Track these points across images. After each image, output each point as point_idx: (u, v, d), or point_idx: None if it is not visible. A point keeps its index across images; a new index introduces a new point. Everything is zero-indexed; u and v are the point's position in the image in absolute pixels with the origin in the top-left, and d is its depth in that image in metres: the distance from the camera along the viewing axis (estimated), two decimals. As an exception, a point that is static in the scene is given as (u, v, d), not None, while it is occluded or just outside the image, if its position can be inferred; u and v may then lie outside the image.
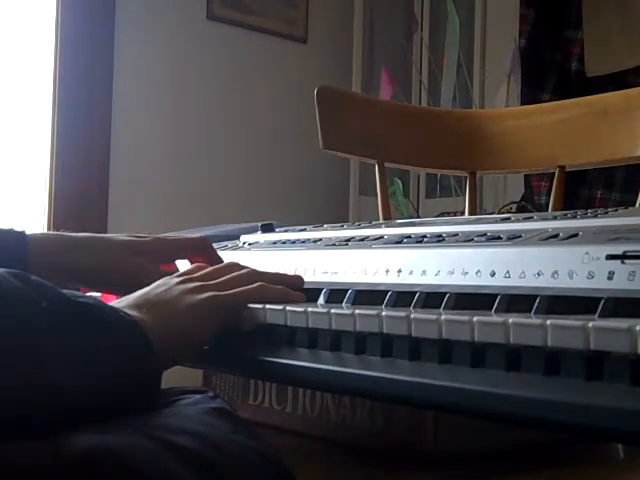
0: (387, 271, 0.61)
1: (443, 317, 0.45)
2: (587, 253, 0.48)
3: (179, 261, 0.80)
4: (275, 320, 0.58)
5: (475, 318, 0.43)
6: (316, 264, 0.68)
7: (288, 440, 0.79)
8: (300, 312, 0.55)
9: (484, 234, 0.61)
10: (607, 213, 0.64)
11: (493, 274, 0.53)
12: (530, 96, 2.23)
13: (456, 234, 0.64)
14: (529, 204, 2.22)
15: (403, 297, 0.55)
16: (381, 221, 1.21)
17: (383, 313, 0.49)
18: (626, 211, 0.63)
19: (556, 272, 0.49)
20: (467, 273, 0.55)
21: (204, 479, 0.45)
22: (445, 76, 2.44)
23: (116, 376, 0.50)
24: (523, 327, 0.41)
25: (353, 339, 0.51)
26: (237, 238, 0.91)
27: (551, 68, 2.29)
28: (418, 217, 2.39)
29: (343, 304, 0.59)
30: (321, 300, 0.62)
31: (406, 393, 0.46)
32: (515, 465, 0.69)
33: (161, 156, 2.37)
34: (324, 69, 2.65)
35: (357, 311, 0.51)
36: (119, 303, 0.58)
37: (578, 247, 0.50)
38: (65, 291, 0.50)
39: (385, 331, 0.49)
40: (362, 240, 0.72)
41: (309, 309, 0.55)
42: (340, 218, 2.11)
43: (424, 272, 0.58)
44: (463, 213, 1.77)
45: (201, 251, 0.78)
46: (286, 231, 0.88)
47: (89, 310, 0.50)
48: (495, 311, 0.48)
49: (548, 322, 0.40)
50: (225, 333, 0.61)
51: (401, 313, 0.48)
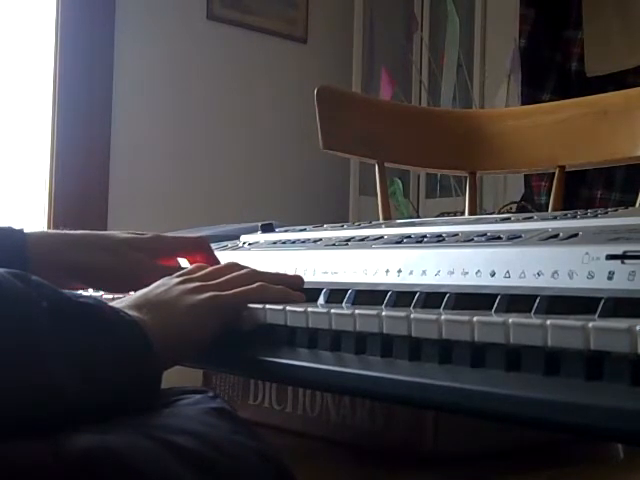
0: (387, 271, 0.61)
1: (443, 317, 0.45)
2: (587, 253, 0.48)
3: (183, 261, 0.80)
4: (275, 320, 0.58)
5: (475, 318, 0.43)
6: (316, 264, 0.68)
7: (288, 440, 0.79)
8: (300, 312, 0.55)
9: (484, 234, 0.61)
10: (607, 213, 0.64)
11: (493, 274, 0.53)
12: (530, 96, 2.23)
13: (456, 234, 0.64)
14: (529, 204, 2.22)
15: (403, 297, 0.55)
16: (381, 221, 1.21)
17: (383, 313, 0.49)
18: (626, 211, 0.63)
19: (556, 272, 0.49)
20: (467, 273, 0.55)
21: (204, 479, 0.45)
22: (445, 76, 2.44)
23: (116, 376, 0.50)
24: (523, 327, 0.41)
25: (353, 339, 0.51)
26: (237, 238, 0.91)
27: (551, 68, 2.29)
28: (418, 217, 2.39)
29: (343, 304, 0.59)
30: (321, 300, 0.62)
31: (406, 393, 0.46)
32: (515, 465, 0.69)
33: (161, 156, 2.37)
34: (324, 69, 2.65)
35: (357, 311, 0.51)
36: (119, 303, 0.58)
37: (578, 247, 0.50)
38: (65, 291, 0.50)
39: (385, 331, 0.49)
40: (362, 240, 0.72)
41: (309, 309, 0.55)
42: (340, 218, 2.11)
43: (424, 272, 0.58)
44: (463, 213, 1.77)
45: (199, 250, 0.78)
46: (286, 231, 0.88)
47: (89, 310, 0.50)
48: (495, 311, 0.48)
49: (548, 322, 0.40)
50: (225, 333, 0.61)
51: (401, 313, 0.48)
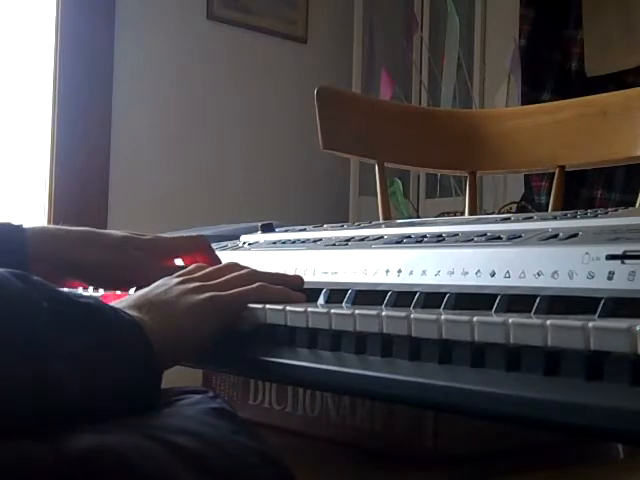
0: (387, 271, 0.61)
1: (443, 317, 0.45)
2: (587, 253, 0.48)
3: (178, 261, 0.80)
4: (275, 320, 0.58)
5: (475, 318, 0.43)
6: (316, 264, 0.68)
7: (288, 440, 0.79)
8: (300, 312, 0.55)
9: (484, 234, 0.61)
10: (607, 213, 0.64)
11: (493, 274, 0.53)
12: (530, 96, 2.23)
13: (456, 234, 0.64)
14: (529, 204, 2.22)
15: (403, 297, 0.55)
16: (381, 221, 1.21)
17: (383, 313, 0.49)
18: (626, 211, 0.63)
19: (556, 272, 0.49)
20: (467, 273, 0.55)
21: (204, 479, 0.45)
22: (445, 76, 2.44)
23: (116, 376, 0.50)
24: (523, 327, 0.41)
25: (353, 339, 0.51)
26: (237, 238, 0.91)
27: (551, 68, 2.29)
28: (418, 217, 2.39)
29: (343, 304, 0.59)
30: (321, 300, 0.62)
31: (406, 393, 0.46)
32: (515, 465, 0.69)
33: (161, 156, 2.37)
34: (324, 69, 2.65)
35: (357, 311, 0.51)
36: (119, 303, 0.58)
37: (578, 247, 0.50)
38: (65, 291, 0.50)
39: (385, 331, 0.49)
40: (362, 240, 0.72)
41: (309, 309, 0.55)
42: (340, 218, 2.11)
43: (424, 272, 0.58)
44: (463, 213, 1.77)
45: (198, 250, 0.78)
46: (286, 231, 0.88)
47: (89, 310, 0.50)
48: (495, 311, 0.48)
49: (548, 322, 0.40)
50: (225, 333, 0.61)
51: (401, 313, 0.48)
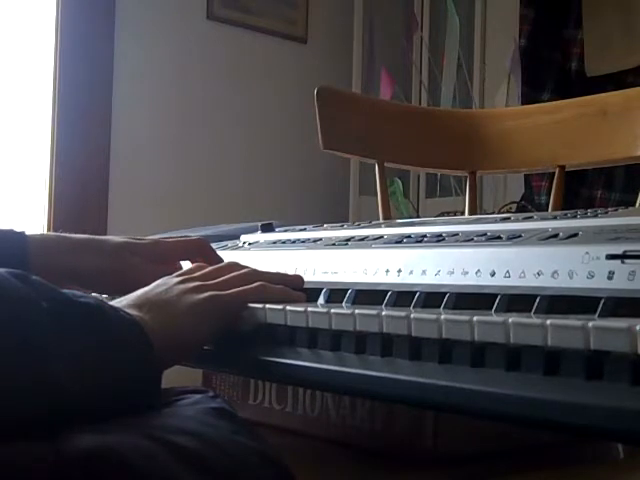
0: (387, 271, 0.61)
1: (443, 317, 0.45)
2: (587, 253, 0.48)
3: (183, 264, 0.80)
4: (275, 320, 0.58)
5: (475, 318, 0.43)
6: (316, 264, 0.68)
7: (288, 440, 0.79)
8: (300, 312, 0.55)
9: (484, 234, 0.61)
10: (607, 213, 0.64)
11: (493, 274, 0.53)
12: (530, 96, 2.23)
13: (456, 234, 0.64)
14: (529, 204, 2.22)
15: (403, 297, 0.55)
16: (381, 221, 1.21)
17: (383, 313, 0.49)
18: (626, 211, 0.63)
19: (556, 272, 0.49)
20: (467, 273, 0.55)
21: (204, 479, 0.45)
22: (445, 76, 2.44)
23: (116, 376, 0.50)
24: (523, 327, 0.41)
25: (353, 339, 0.51)
26: (237, 238, 0.91)
27: (551, 68, 2.29)
28: (418, 217, 2.39)
29: (343, 304, 0.59)
30: (321, 300, 0.62)
31: (406, 393, 0.46)
32: (515, 465, 0.69)
33: (161, 156, 2.37)
34: (324, 69, 2.65)
35: (357, 311, 0.51)
36: (119, 303, 0.58)
37: (578, 247, 0.50)
38: (65, 291, 0.50)
39: (385, 331, 0.49)
40: (362, 240, 0.72)
41: (309, 309, 0.55)
42: (340, 218, 2.11)
43: (424, 272, 0.58)
44: (463, 213, 1.77)
45: (199, 252, 0.78)
46: (286, 231, 0.88)
47: (89, 310, 0.50)
48: (495, 311, 0.48)
49: (548, 322, 0.40)
50: (225, 333, 0.61)
51: (401, 313, 0.48)
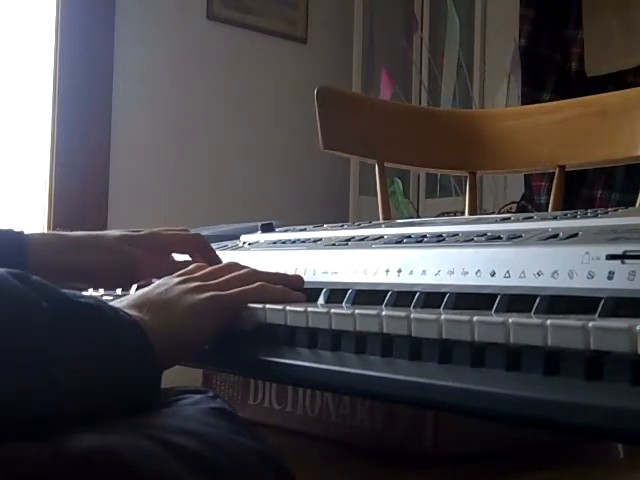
0: (387, 271, 0.61)
1: (443, 317, 0.45)
2: (587, 253, 0.48)
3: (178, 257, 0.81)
4: (275, 320, 0.58)
5: (475, 318, 0.43)
6: (316, 264, 0.68)
7: (288, 440, 0.79)
8: (300, 312, 0.55)
9: (484, 234, 0.61)
10: (607, 213, 0.64)
11: (493, 274, 0.53)
12: (530, 96, 2.23)
13: (456, 234, 0.64)
14: (529, 204, 2.22)
15: (403, 297, 0.55)
16: (381, 221, 1.21)
17: (383, 313, 0.49)
18: (626, 211, 0.63)
19: (556, 272, 0.49)
20: (467, 273, 0.55)
21: (204, 479, 0.45)
22: (445, 76, 2.44)
23: (116, 376, 0.50)
24: (523, 327, 0.41)
25: (353, 339, 0.51)
26: (237, 238, 0.91)
27: (551, 68, 2.29)
28: (418, 217, 2.38)
29: (343, 304, 0.59)
30: (321, 300, 0.62)
31: (406, 393, 0.46)
32: (515, 465, 0.69)
33: (161, 156, 2.37)
34: (324, 69, 2.65)
35: (357, 311, 0.51)
36: (119, 303, 0.58)
37: (578, 247, 0.50)
38: (65, 291, 0.50)
39: (385, 331, 0.49)
40: (362, 240, 0.72)
41: (309, 309, 0.55)
42: (340, 218, 2.11)
43: (424, 272, 0.58)
44: (463, 213, 1.77)
45: (195, 247, 0.79)
46: (286, 231, 0.88)
47: (89, 310, 0.50)
48: (495, 311, 0.48)
49: (548, 322, 0.40)
50: (225, 333, 0.61)
51: (401, 313, 0.48)
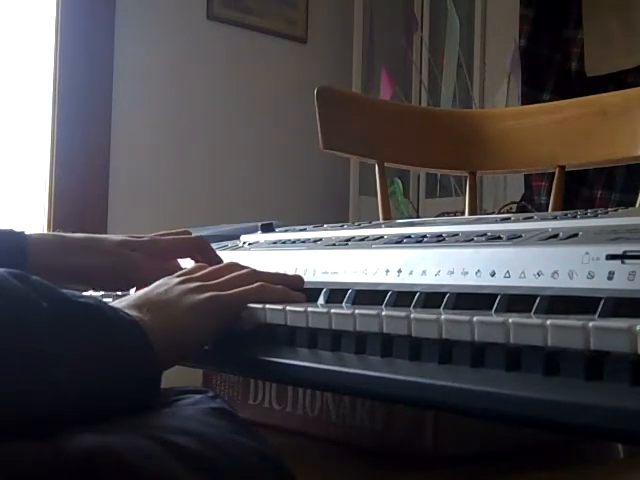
0: (387, 271, 0.61)
1: (443, 317, 0.45)
2: (587, 253, 0.48)
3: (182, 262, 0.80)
4: (275, 320, 0.58)
5: (475, 318, 0.43)
6: (316, 264, 0.68)
7: (288, 440, 0.79)
8: (300, 312, 0.55)
9: (484, 234, 0.61)
10: (607, 213, 0.64)
11: (493, 274, 0.53)
12: (530, 96, 2.23)
13: (456, 234, 0.64)
14: (529, 204, 2.22)
15: (403, 297, 0.55)
16: (381, 221, 1.21)
17: (383, 313, 0.49)
18: (626, 211, 0.63)
19: (556, 272, 0.49)
20: (467, 273, 0.55)
21: (204, 479, 0.45)
22: (445, 76, 2.44)
23: (116, 376, 0.50)
24: (523, 327, 0.41)
25: (353, 339, 0.51)
26: (237, 238, 0.91)
27: (551, 68, 2.29)
28: (418, 217, 2.38)
29: (343, 304, 0.59)
30: (321, 300, 0.62)
31: (406, 393, 0.46)
32: (515, 465, 0.69)
33: (161, 156, 2.37)
34: (324, 69, 2.65)
35: (357, 311, 0.51)
36: (119, 303, 0.58)
37: (578, 247, 0.50)
38: (65, 291, 0.50)
39: (385, 331, 0.49)
40: (362, 240, 0.72)
41: (309, 309, 0.55)
42: (340, 218, 2.11)
43: (424, 272, 0.58)
44: (463, 213, 1.77)
45: (198, 251, 0.79)
46: (286, 231, 0.88)
47: (89, 310, 0.50)
48: (495, 311, 0.48)
49: (548, 322, 0.40)
50: (225, 333, 0.61)
51: (401, 313, 0.48)
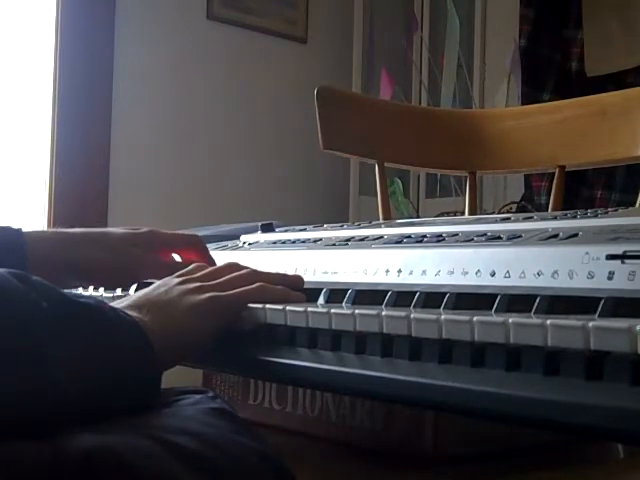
0: (387, 271, 0.61)
1: (443, 317, 0.45)
2: (587, 253, 0.48)
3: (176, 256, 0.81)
4: (275, 320, 0.58)
5: (475, 318, 0.43)
6: (316, 264, 0.68)
7: (288, 440, 0.79)
8: (300, 312, 0.55)
9: (484, 234, 0.61)
10: (607, 213, 0.64)
11: (493, 274, 0.53)
12: (530, 96, 2.23)
13: (456, 234, 0.64)
14: (529, 204, 2.22)
15: (403, 297, 0.55)
16: (381, 221, 1.21)
17: (383, 313, 0.49)
18: (626, 211, 0.63)
19: (556, 272, 0.49)
20: (467, 273, 0.55)
21: (204, 479, 0.45)
22: (445, 76, 2.44)
23: (116, 376, 0.50)
24: (523, 327, 0.41)
25: (353, 339, 0.51)
26: (237, 238, 0.91)
27: (551, 68, 2.29)
28: (418, 217, 2.39)
29: (343, 304, 0.59)
30: (321, 300, 0.62)
31: (406, 393, 0.46)
32: (515, 465, 0.69)
33: (161, 156, 2.37)
34: (324, 69, 2.65)
35: (357, 311, 0.51)
36: (120, 303, 0.58)
37: (578, 247, 0.50)
38: (66, 291, 0.50)
39: (385, 331, 0.49)
40: (362, 240, 0.72)
41: (309, 309, 0.55)
42: (340, 218, 2.11)
43: (424, 272, 0.58)
44: (463, 213, 1.77)
45: (193, 246, 0.79)
46: (286, 231, 0.88)
47: (89, 311, 0.50)
48: (495, 311, 0.48)
49: (548, 322, 0.40)
50: (225, 333, 0.61)
51: (401, 313, 0.48)
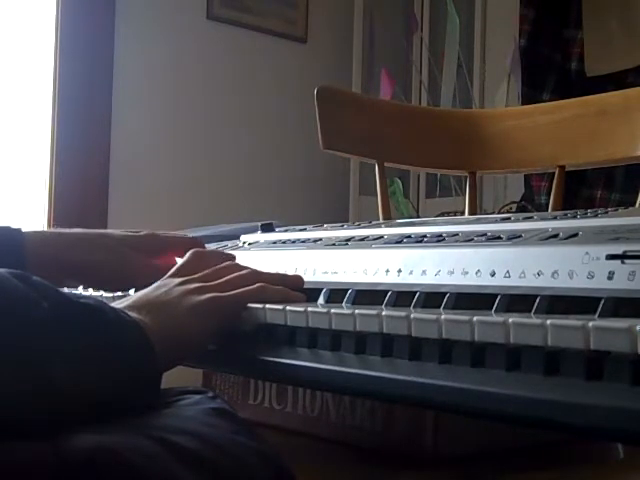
0: (387, 271, 0.61)
1: (443, 317, 0.45)
2: (587, 253, 0.48)
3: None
4: (275, 320, 0.58)
5: (475, 318, 0.43)
6: (316, 264, 0.68)
7: (288, 440, 0.79)
8: (300, 312, 0.55)
9: (484, 234, 0.61)
10: (607, 213, 0.64)
11: (493, 274, 0.53)
12: (530, 96, 2.23)
13: (456, 234, 0.64)
14: (529, 204, 2.22)
15: (403, 297, 0.55)
16: (381, 221, 1.21)
17: (383, 313, 0.49)
18: (626, 211, 0.63)
19: (556, 272, 0.49)
20: (467, 273, 0.55)
21: (204, 479, 0.45)
22: (445, 76, 2.44)
23: (116, 377, 0.50)
24: (523, 327, 0.41)
25: (353, 339, 0.51)
26: (237, 238, 0.91)
27: (551, 68, 2.29)
28: (418, 217, 2.38)
29: (343, 304, 0.59)
30: (321, 300, 0.62)
31: (406, 393, 0.46)
32: (515, 465, 0.69)
33: (161, 156, 2.37)
34: (324, 69, 2.65)
35: (357, 311, 0.51)
36: (120, 304, 0.58)
37: (578, 247, 0.50)
38: (66, 292, 0.50)
39: (385, 331, 0.49)
40: (362, 240, 0.72)
41: (309, 309, 0.55)
42: (340, 218, 2.11)
43: (424, 272, 0.58)
44: (463, 213, 1.77)
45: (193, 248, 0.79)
46: (286, 231, 0.88)
47: (90, 311, 0.50)
48: (495, 311, 0.48)
49: (548, 322, 0.40)
50: (225, 333, 0.61)
51: (401, 313, 0.48)
